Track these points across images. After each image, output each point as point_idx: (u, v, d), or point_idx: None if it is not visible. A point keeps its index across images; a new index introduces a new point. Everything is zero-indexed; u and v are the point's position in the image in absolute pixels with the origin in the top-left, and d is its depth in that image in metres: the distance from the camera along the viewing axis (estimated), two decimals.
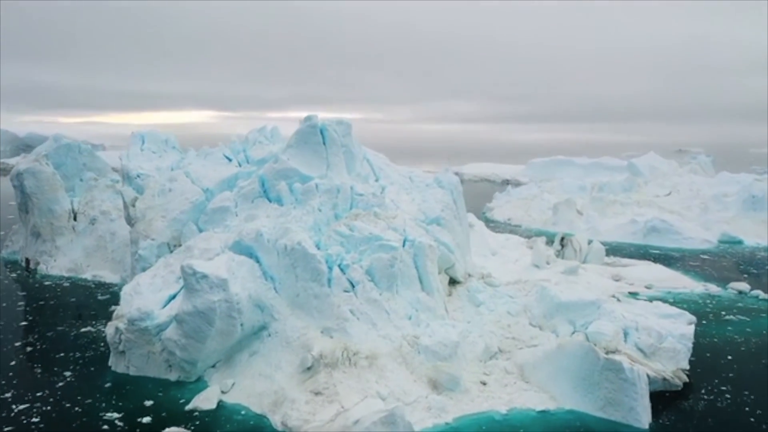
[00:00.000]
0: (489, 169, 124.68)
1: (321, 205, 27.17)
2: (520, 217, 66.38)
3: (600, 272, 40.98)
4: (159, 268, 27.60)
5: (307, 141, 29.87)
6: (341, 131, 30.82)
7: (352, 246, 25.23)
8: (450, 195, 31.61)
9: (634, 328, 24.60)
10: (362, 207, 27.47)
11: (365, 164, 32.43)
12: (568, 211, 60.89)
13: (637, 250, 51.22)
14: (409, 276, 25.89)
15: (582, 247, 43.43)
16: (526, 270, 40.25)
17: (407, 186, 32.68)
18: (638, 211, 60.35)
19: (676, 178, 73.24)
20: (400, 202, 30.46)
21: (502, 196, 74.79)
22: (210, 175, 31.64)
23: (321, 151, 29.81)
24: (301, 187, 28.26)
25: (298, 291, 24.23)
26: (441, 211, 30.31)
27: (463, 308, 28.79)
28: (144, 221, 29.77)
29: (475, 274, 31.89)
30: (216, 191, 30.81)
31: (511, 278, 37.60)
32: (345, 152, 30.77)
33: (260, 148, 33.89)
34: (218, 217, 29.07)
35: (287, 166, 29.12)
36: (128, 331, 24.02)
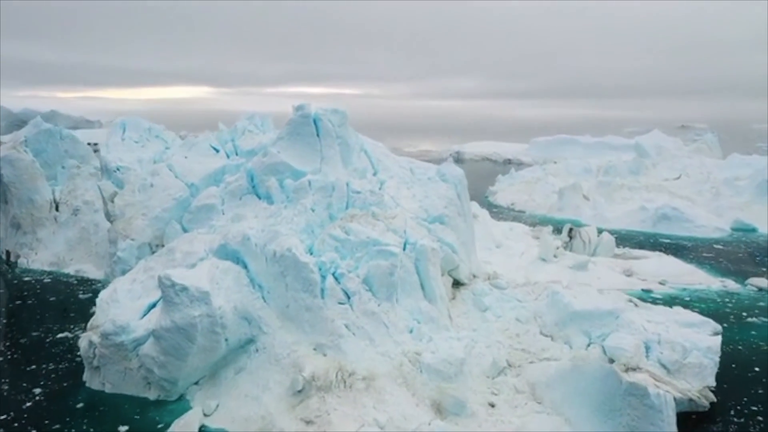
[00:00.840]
0: (490, 148, 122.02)
1: (314, 205, 24.90)
2: (524, 201, 64.11)
3: (610, 266, 38.86)
4: (139, 272, 25.43)
5: (300, 132, 27.50)
6: (336, 121, 28.42)
7: (347, 251, 23.01)
8: (454, 189, 29.30)
9: (656, 342, 22.50)
10: (359, 206, 25.20)
11: (362, 156, 30.08)
12: (574, 197, 58.64)
13: (647, 239, 49.06)
14: (410, 282, 23.74)
15: (591, 239, 41.26)
16: (532, 264, 38.18)
17: (408, 179, 30.35)
18: (647, 196, 58.02)
19: (686, 160, 70.74)
20: (401, 198, 28.17)
21: (505, 179, 72.42)
22: (195, 168, 29.30)
23: (314, 143, 27.46)
24: (293, 183, 25.97)
25: (288, 302, 22.08)
26: (444, 208, 28.04)
27: (468, 314, 26.68)
28: (123, 219, 27.51)
29: (481, 275, 29.73)
30: (201, 186, 28.51)
31: (517, 274, 35.72)
32: (340, 143, 28.42)
33: (250, 137, 31.50)
34: (203, 215, 26.82)
35: (277, 159, 26.80)
36: (102, 346, 21.92)
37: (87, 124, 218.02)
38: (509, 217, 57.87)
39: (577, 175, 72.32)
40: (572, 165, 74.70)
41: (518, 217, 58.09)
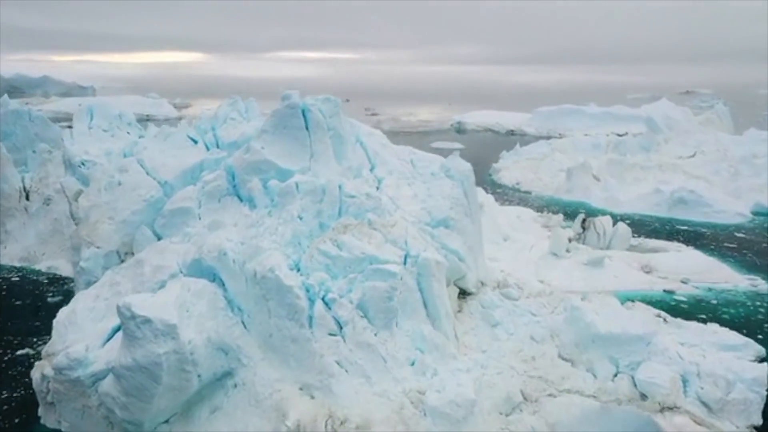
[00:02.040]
0: (492, 118, 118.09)
1: (302, 211, 21.70)
2: (529, 180, 60.81)
3: (627, 261, 35.85)
4: (103, 286, 22.38)
5: (286, 125, 24.15)
6: (328, 111, 25.05)
7: (339, 270, 19.90)
8: (460, 187, 26.08)
9: (695, 374, 19.60)
10: (353, 213, 22.00)
11: (358, 149, 26.78)
12: (583, 177, 55.37)
13: (663, 225, 45.97)
14: (411, 303, 20.71)
15: (606, 230, 38.17)
16: (543, 260, 35.20)
17: (408, 175, 27.10)
18: (661, 176, 54.73)
19: (700, 136, 67.22)
20: (401, 199, 24.97)
21: (510, 156, 68.99)
22: (169, 163, 25.99)
23: (303, 137, 24.13)
24: (278, 185, 22.71)
25: (271, 330, 19.06)
26: (450, 209, 24.85)
27: (476, 330, 23.72)
28: (87, 223, 24.31)
29: (489, 282, 26.72)
30: (176, 185, 25.24)
31: (526, 272, 32.91)
32: (333, 136, 25.10)
33: (232, 127, 28.10)
34: (177, 220, 23.62)
35: (260, 157, 23.51)
36: (56, 381, 18.97)
37: (79, 91, 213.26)
38: (515, 199, 54.72)
39: (585, 151, 68.92)
40: (580, 141, 71.23)
41: (524, 198, 54.92)
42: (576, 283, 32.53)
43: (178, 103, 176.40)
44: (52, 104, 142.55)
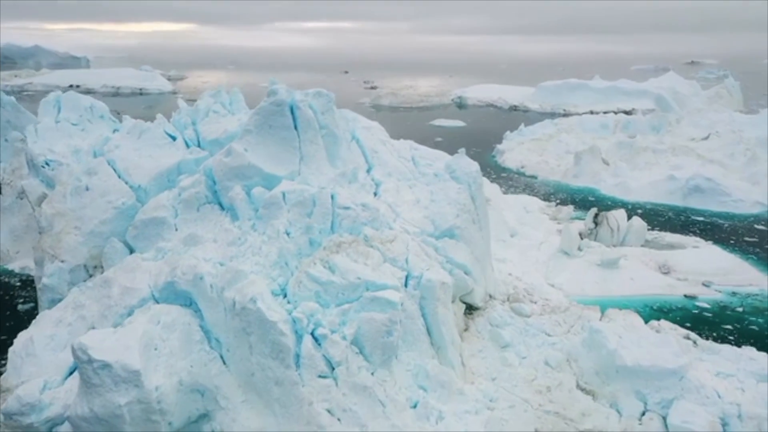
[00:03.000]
0: (495, 93, 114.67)
1: (290, 226, 19.16)
2: (535, 164, 58.05)
3: (643, 260, 33.40)
4: (67, 308, 19.95)
5: (272, 124, 21.48)
6: (320, 106, 22.36)
7: (332, 297, 17.42)
8: (467, 190, 23.51)
9: (735, 416, 17.27)
10: (347, 227, 19.47)
11: (354, 147, 24.18)
12: (592, 161, 52.64)
13: (678, 215, 43.43)
14: (413, 331, 18.33)
15: (620, 226, 35.65)
16: (553, 260, 32.75)
17: (410, 175, 24.52)
18: (674, 161, 51.98)
19: (713, 115, 64.34)
20: (401, 205, 22.42)
21: (514, 137, 66.12)
22: (144, 164, 23.35)
23: (291, 138, 21.49)
24: (263, 194, 20.18)
25: (253, 368, 16.66)
26: (455, 217, 22.30)
27: (484, 353, 21.36)
28: (50, 234, 21.77)
29: (498, 295, 24.31)
30: (151, 190, 22.65)
31: (536, 275, 30.55)
32: (326, 135, 22.45)
33: (215, 121, 25.37)
34: (151, 231, 21.08)
35: (243, 161, 20.88)
36: (7, 426, 16.63)
37: (73, 62, 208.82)
38: (520, 185, 52.09)
39: (592, 131, 66.18)
40: (587, 120, 68.34)
41: (530, 184, 52.28)
42: (589, 287, 30.19)
43: (173, 75, 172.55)
44: (42, 77, 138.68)
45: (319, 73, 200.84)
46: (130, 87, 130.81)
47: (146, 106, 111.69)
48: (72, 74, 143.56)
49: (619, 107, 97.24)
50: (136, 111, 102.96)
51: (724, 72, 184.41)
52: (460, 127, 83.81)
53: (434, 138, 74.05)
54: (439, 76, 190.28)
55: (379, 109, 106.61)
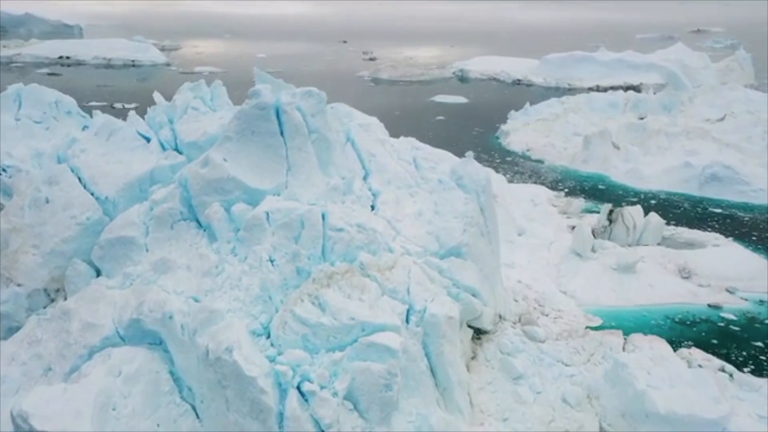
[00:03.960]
0: (498, 66, 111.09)
1: (274, 252, 16.71)
2: (541, 146, 55.33)
3: (661, 261, 31.01)
4: (22, 343, 17.61)
5: (255, 130, 18.88)
6: (310, 108, 19.73)
7: (322, 342, 15.04)
8: (475, 200, 21.01)
9: None
10: (340, 253, 17.03)
11: (349, 152, 21.63)
12: (602, 146, 49.95)
13: (694, 206, 40.95)
14: (415, 375, 16.01)
15: (636, 223, 33.18)
16: (565, 262, 30.41)
17: (411, 182, 21.98)
18: (689, 146, 49.25)
19: (728, 93, 61.31)
20: (402, 220, 19.93)
21: (519, 116, 63.22)
22: (113, 171, 20.76)
23: (277, 145, 18.91)
24: (245, 213, 17.71)
25: (229, 427, 14.36)
26: (463, 232, 19.83)
27: (494, 385, 19.10)
28: (5, 253, 19.28)
29: (509, 315, 21.99)
30: (120, 203, 20.11)
31: (546, 281, 28.36)
32: (317, 141, 19.87)
33: (194, 120, 22.67)
34: (118, 252, 18.62)
35: (222, 174, 18.33)
36: None
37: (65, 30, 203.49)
38: (526, 171, 49.46)
39: (600, 110, 63.32)
40: (595, 99, 65.38)
41: (536, 170, 49.62)
42: (605, 294, 27.93)
43: (167, 45, 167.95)
44: (31, 48, 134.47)
45: (317, 42, 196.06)
46: (122, 59, 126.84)
47: (139, 79, 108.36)
48: (62, 45, 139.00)
49: (627, 81, 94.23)
50: (129, 84, 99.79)
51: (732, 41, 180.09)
52: (462, 103, 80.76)
53: (435, 116, 71.24)
54: (439, 45, 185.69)
55: (379, 82, 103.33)
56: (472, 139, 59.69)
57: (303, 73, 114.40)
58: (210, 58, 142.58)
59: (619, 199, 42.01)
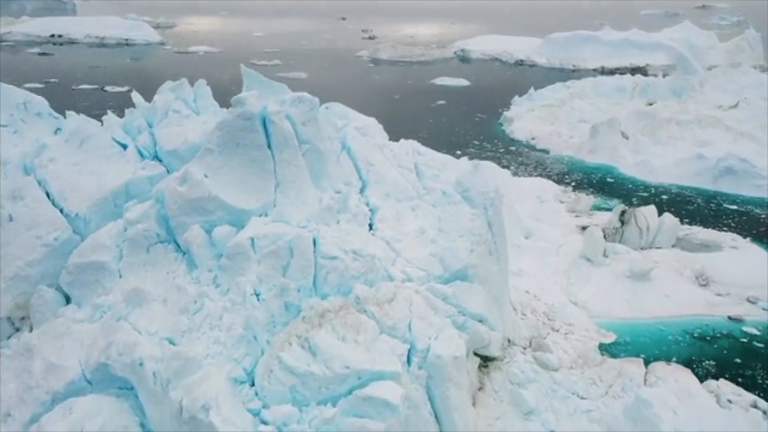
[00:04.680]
0: (499, 46, 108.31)
1: (260, 284, 14.94)
2: (546, 135, 53.27)
3: (677, 267, 29.25)
4: None
5: (240, 142, 16.97)
6: (301, 116, 17.81)
7: (312, 393, 13.29)
8: (483, 215, 19.17)
9: None
10: (334, 283, 15.26)
11: (344, 161, 19.72)
12: (610, 135, 47.92)
13: (707, 202, 39.08)
14: (417, 423, 14.30)
15: (650, 225, 31.33)
16: (575, 269, 28.67)
17: (413, 193, 20.09)
18: (701, 135, 47.15)
19: (741, 78, 58.98)
20: (403, 239, 18.08)
21: (523, 102, 61.05)
22: (84, 184, 18.86)
23: (264, 159, 17.03)
24: (228, 236, 15.89)
25: None
26: (470, 253, 18.00)
27: (503, 421, 17.45)
28: None
29: (518, 339, 20.26)
30: (92, 220, 18.25)
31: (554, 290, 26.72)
32: (309, 152, 17.97)
33: (175, 124, 20.67)
34: (89, 278, 16.81)
35: (203, 192, 16.45)
36: None
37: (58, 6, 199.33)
38: (531, 162, 47.46)
39: (608, 96, 61.16)
40: (602, 83, 63.14)
41: (541, 161, 47.61)
42: (618, 305, 26.26)
43: (162, 23, 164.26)
44: (22, 26, 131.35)
45: (315, 19, 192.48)
46: (116, 37, 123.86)
47: (132, 59, 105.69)
48: (54, 23, 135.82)
49: (632, 62, 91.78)
50: (122, 64, 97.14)
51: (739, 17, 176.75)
52: (463, 86, 78.36)
53: (436, 100, 69.00)
54: (440, 22, 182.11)
55: (378, 63, 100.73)
56: (474, 126, 57.62)
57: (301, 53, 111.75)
58: (206, 36, 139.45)
59: (628, 194, 40.21)
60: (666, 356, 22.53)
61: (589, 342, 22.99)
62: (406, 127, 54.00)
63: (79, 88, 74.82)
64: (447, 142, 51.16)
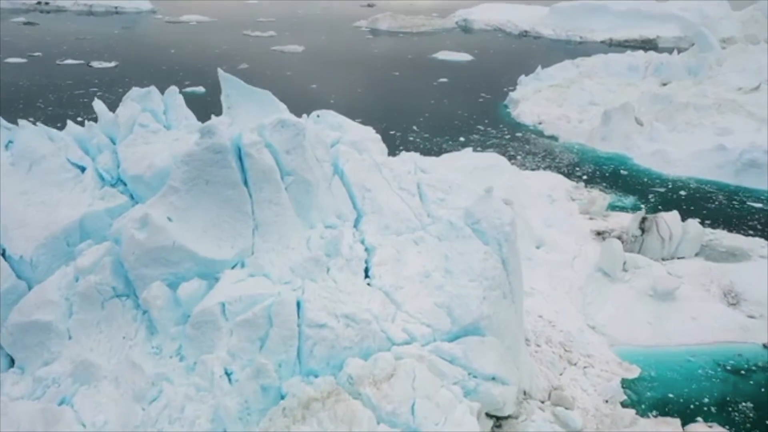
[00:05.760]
0: (503, 15, 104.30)
1: (232, 361, 12.38)
2: (554, 119, 50.26)
3: (703, 282, 26.70)
4: None
5: (210, 179, 14.22)
6: (284, 144, 15.03)
7: None
8: (497, 252, 16.55)
9: None
10: (322, 357, 12.72)
11: (336, 188, 16.99)
12: (623, 122, 45.02)
13: (730, 199, 36.38)
14: None
15: (672, 234, 28.67)
16: (593, 285, 26.17)
17: (415, 222, 17.43)
18: (721, 122, 44.23)
19: (760, 56, 55.64)
20: (404, 286, 15.47)
21: (529, 82, 57.85)
22: (32, 219, 16.14)
23: (239, 198, 14.30)
24: (195, 293, 13.27)
25: None
26: (482, 302, 15.42)
27: None
28: None
29: (536, 392, 17.80)
30: (40, 264, 15.56)
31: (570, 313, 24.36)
32: (294, 184, 15.25)
33: (142, 141, 17.84)
34: (32, 340, 14.23)
35: (166, 240, 13.76)
36: None
37: None
38: (539, 150, 44.60)
39: (619, 75, 58.01)
40: (612, 62, 59.79)
41: (550, 150, 44.71)
42: (640, 330, 23.81)
43: None
44: None
45: None
46: (105, 5, 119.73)
47: (122, 28, 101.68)
48: None
49: (642, 34, 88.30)
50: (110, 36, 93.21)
51: None
52: (466, 62, 74.93)
53: (438, 78, 65.72)
54: None
55: (377, 34, 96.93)
56: (478, 108, 54.57)
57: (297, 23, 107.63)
58: (198, 5, 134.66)
59: (644, 189, 37.49)
60: (697, 395, 20.29)
61: (611, 378, 20.64)
62: (407, 109, 51.05)
63: (63, 64, 71.33)
64: (450, 127, 48.31)
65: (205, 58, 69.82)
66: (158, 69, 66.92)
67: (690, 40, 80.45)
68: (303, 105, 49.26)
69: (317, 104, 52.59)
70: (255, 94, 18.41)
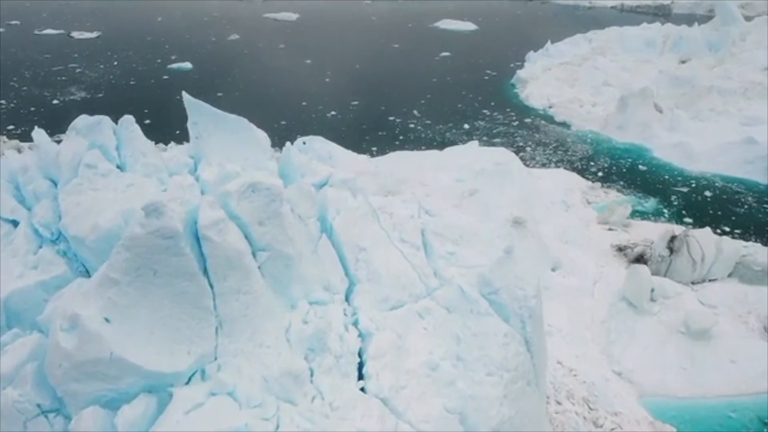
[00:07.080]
0: None
1: None
2: (566, 102, 46.75)
3: (740, 313, 23.91)
4: None
5: (158, 269, 11.08)
6: (256, 215, 11.90)
7: None
8: (520, 333, 13.59)
9: None
10: None
11: (324, 249, 13.91)
12: (641, 109, 41.59)
13: (760, 201, 33.26)
14: None
15: (705, 255, 25.70)
16: (616, 318, 23.42)
17: (420, 288, 14.41)
18: (749, 109, 40.86)
19: None
20: (406, 387, 12.52)
21: (538, 59, 54.08)
22: None
23: (197, 291, 11.22)
24: (139, 419, 10.30)
25: None
26: (502, 402, 12.54)
27: None
28: None
29: None
30: None
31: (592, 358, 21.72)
32: (269, 261, 12.18)
33: (89, 187, 14.55)
34: None
35: (102, 351, 10.73)
36: None
37: None
38: (550, 139, 41.27)
39: (635, 51, 54.20)
40: (627, 36, 55.86)
41: (561, 139, 41.37)
42: (673, 377, 21.12)
43: None
44: None
45: None
46: None
47: None
48: None
49: None
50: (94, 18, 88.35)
51: None
52: (469, 32, 70.62)
53: (440, 51, 61.79)
54: None
55: None
56: (483, 88, 50.91)
57: None
58: None
59: (665, 189, 34.39)
60: None
61: None
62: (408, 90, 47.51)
63: (43, 33, 67.00)
64: (454, 112, 44.88)
65: (194, 27, 65.78)
66: (143, 41, 62.89)
67: (707, 6, 76.10)
68: (296, 87, 45.36)
69: (312, 86, 49.03)
70: (227, 121, 15.34)
